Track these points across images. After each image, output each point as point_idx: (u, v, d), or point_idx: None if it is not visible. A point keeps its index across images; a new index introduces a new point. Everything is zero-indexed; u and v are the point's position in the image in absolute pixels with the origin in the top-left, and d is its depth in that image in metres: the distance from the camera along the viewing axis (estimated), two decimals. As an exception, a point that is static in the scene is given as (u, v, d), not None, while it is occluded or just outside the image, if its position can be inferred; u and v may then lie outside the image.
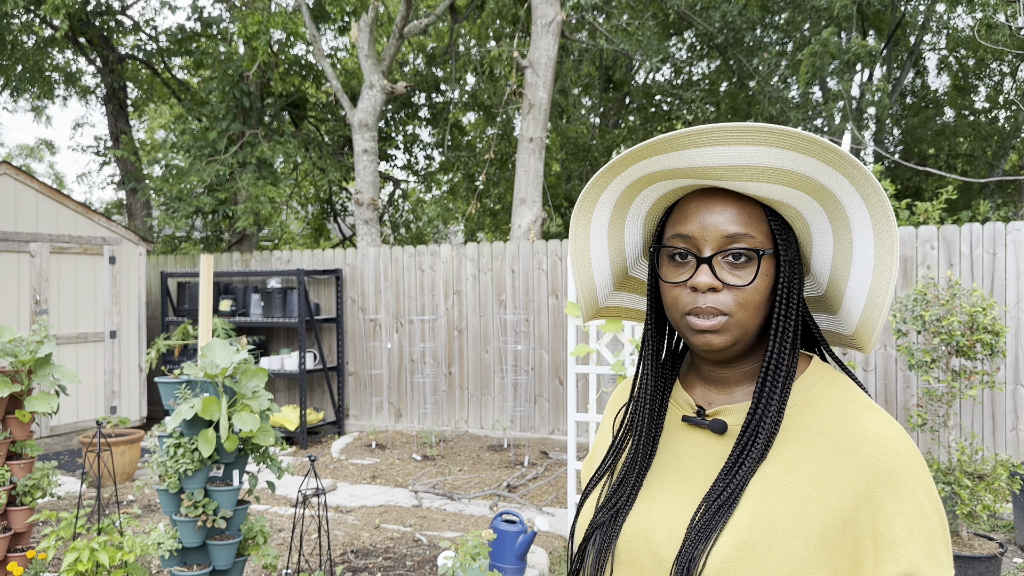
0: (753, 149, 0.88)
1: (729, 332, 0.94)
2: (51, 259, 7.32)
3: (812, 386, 0.96)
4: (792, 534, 0.86)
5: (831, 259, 0.96)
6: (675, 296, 0.97)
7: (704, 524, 0.89)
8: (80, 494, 3.38)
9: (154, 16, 13.21)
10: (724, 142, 0.88)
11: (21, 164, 21.41)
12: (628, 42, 10.02)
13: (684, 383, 1.06)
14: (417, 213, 15.50)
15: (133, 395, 8.03)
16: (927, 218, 6.72)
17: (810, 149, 0.86)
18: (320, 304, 8.51)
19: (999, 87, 13.79)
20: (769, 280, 0.95)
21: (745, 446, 0.93)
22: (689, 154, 0.90)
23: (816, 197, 0.92)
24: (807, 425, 0.93)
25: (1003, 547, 3.85)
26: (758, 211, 0.96)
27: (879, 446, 0.88)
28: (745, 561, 0.86)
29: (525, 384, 7.66)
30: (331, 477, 6.46)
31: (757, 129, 0.86)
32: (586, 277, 1.09)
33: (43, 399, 3.39)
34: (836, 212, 0.92)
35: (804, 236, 0.98)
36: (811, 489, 0.88)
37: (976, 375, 4.18)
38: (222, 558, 2.95)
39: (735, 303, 0.93)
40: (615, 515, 0.98)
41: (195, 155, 10.16)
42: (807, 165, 0.88)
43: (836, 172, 0.88)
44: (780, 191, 0.92)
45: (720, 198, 0.95)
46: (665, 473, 0.99)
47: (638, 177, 0.98)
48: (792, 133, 0.86)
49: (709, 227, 0.94)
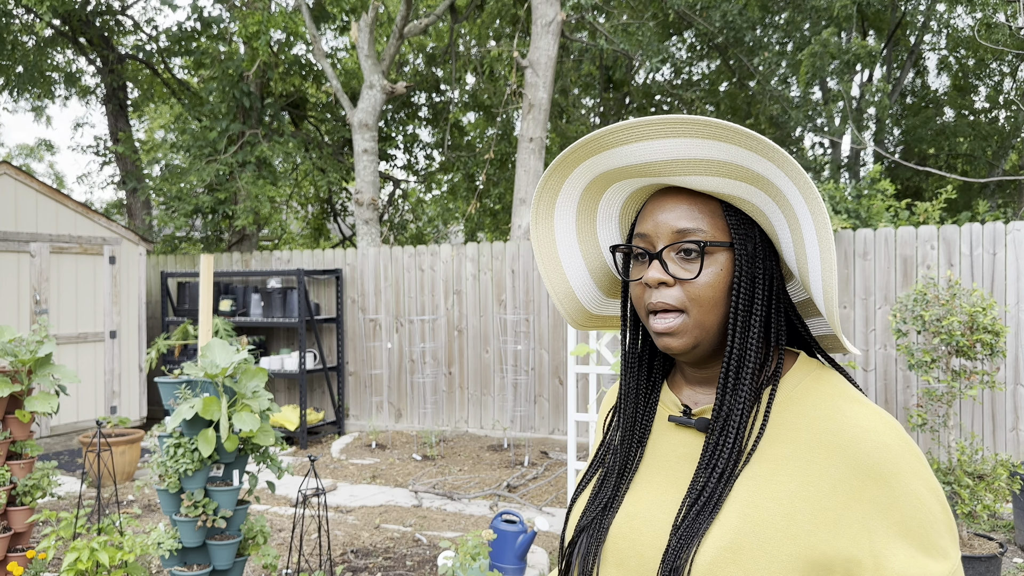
0: (677, 142, 0.89)
1: (687, 334, 0.93)
2: (51, 259, 7.32)
3: (798, 383, 0.95)
4: (781, 533, 0.85)
5: (794, 253, 0.95)
6: (637, 295, 0.98)
7: (689, 524, 0.88)
8: (80, 494, 3.38)
9: (154, 16, 13.20)
10: (647, 136, 0.90)
11: (21, 164, 21.42)
12: (628, 42, 10.02)
13: (672, 384, 1.06)
14: (417, 213, 15.50)
15: (133, 395, 8.03)
16: (927, 218, 6.72)
17: (728, 136, 0.86)
18: (320, 304, 8.51)
19: (999, 87, 13.79)
20: (727, 275, 0.94)
21: (717, 442, 0.92)
22: (621, 151, 0.92)
23: (761, 188, 0.91)
24: (793, 422, 0.92)
25: (1003, 547, 3.85)
26: (714, 207, 0.96)
27: (867, 441, 0.87)
28: (733, 561, 0.85)
29: (525, 384, 7.66)
30: (331, 477, 6.46)
31: (673, 121, 0.87)
32: (558, 281, 1.09)
33: (43, 399, 3.39)
34: (784, 202, 0.91)
35: (771, 232, 0.97)
36: (799, 487, 0.87)
37: (976, 375, 4.18)
38: (222, 558, 2.95)
39: (688, 298, 0.93)
40: (602, 516, 0.98)
41: (195, 155, 10.17)
42: (733, 154, 0.88)
43: (763, 159, 0.87)
44: (723, 183, 0.92)
45: (673, 196, 0.97)
46: (652, 473, 0.98)
47: (590, 180, 0.99)
48: (704, 122, 0.86)
49: (660, 224, 0.95)
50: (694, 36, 13.58)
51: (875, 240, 6.25)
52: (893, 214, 7.02)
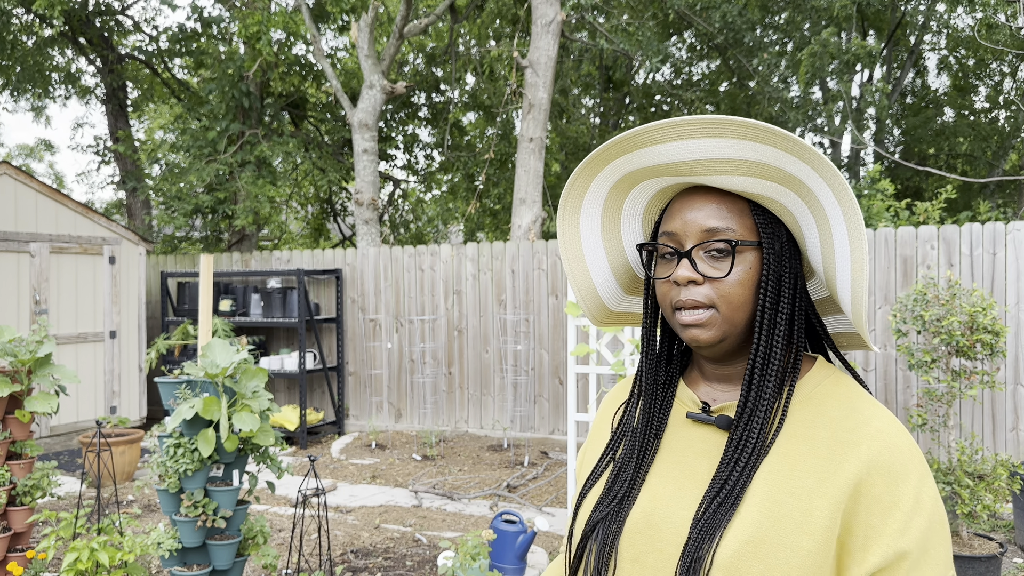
0: (711, 141, 0.90)
1: (715, 327, 0.95)
2: (51, 259, 7.32)
3: (817, 384, 0.97)
4: (799, 529, 0.86)
5: (820, 253, 0.97)
6: (663, 292, 0.99)
7: (709, 519, 0.89)
8: (80, 494, 3.38)
9: (154, 16, 13.20)
10: (683, 136, 0.91)
11: (21, 164, 21.41)
12: (628, 42, 10.02)
13: (689, 381, 1.07)
14: (417, 213, 15.50)
15: (133, 395, 8.03)
16: (927, 218, 6.72)
17: (763, 137, 0.88)
18: (320, 304, 8.51)
19: (999, 87, 13.79)
20: (754, 274, 0.96)
21: (740, 438, 0.93)
22: (654, 150, 0.93)
23: (792, 188, 0.93)
24: (811, 421, 0.94)
25: (1003, 547, 3.85)
26: (741, 206, 0.97)
27: (880, 440, 0.89)
28: (754, 555, 0.86)
29: (525, 384, 7.66)
30: (331, 477, 6.46)
31: (710, 121, 0.88)
32: (582, 279, 1.10)
33: (43, 399, 3.39)
34: (814, 203, 0.93)
35: (797, 231, 0.99)
36: (816, 484, 0.89)
37: (976, 375, 4.18)
38: (222, 558, 2.95)
39: (717, 296, 0.94)
40: (617, 510, 0.98)
41: (195, 155, 10.17)
42: (768, 154, 0.90)
43: (798, 160, 0.89)
44: (754, 183, 0.94)
45: (701, 195, 0.98)
46: (668, 469, 0.99)
47: (618, 178, 1.00)
48: (742, 122, 0.87)
49: (689, 222, 0.96)
50: (694, 36, 13.58)
51: (875, 240, 6.26)
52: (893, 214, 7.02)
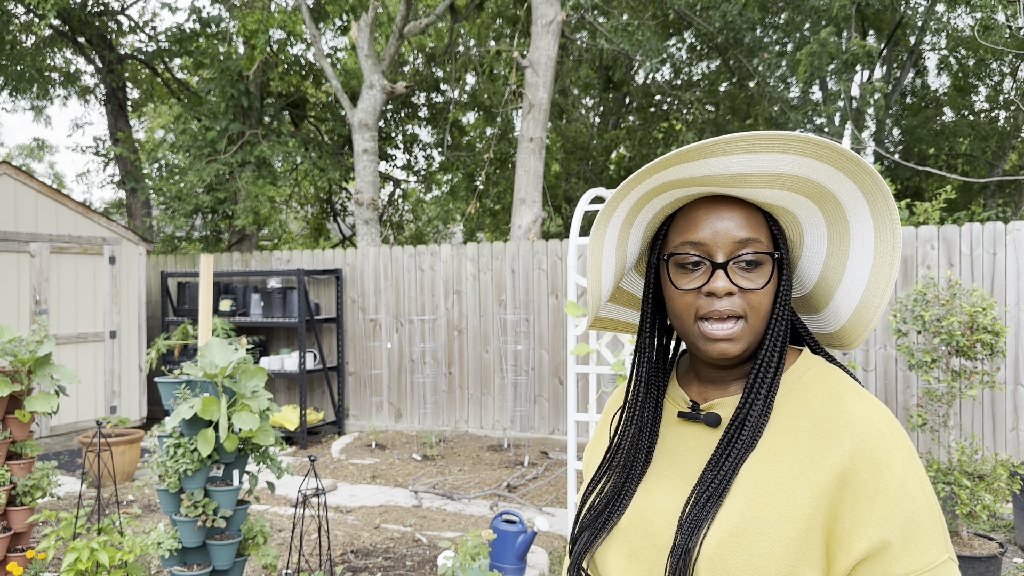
0: (776, 157, 0.90)
1: (743, 340, 0.96)
2: (51, 259, 7.32)
3: (801, 375, 0.99)
4: (783, 518, 0.88)
5: (823, 261, 0.99)
6: (687, 303, 0.98)
7: (697, 512, 0.91)
8: (80, 494, 3.38)
9: (154, 16, 13.19)
10: (751, 150, 0.90)
11: (21, 164, 21.41)
12: (628, 42, 10.01)
13: (680, 380, 1.09)
14: (417, 213, 15.50)
15: (133, 395, 8.03)
16: (927, 218, 6.72)
17: (829, 157, 0.90)
18: (320, 304, 8.51)
19: (999, 87, 13.79)
20: (775, 283, 0.99)
21: (732, 436, 0.95)
22: (716, 162, 0.92)
23: (817, 202, 0.95)
24: (796, 412, 0.95)
25: (1003, 547, 3.85)
26: (759, 216, 0.99)
27: (862, 428, 0.90)
28: (738, 545, 0.88)
29: (525, 384, 7.66)
30: (331, 477, 6.46)
31: (784, 137, 0.88)
32: (596, 288, 1.08)
33: (43, 399, 3.39)
34: (835, 216, 0.95)
35: (796, 240, 1.02)
36: (799, 473, 0.90)
37: (976, 375, 4.18)
38: (222, 558, 2.95)
39: (749, 307, 0.96)
40: (614, 510, 1.01)
41: (195, 155, 10.16)
42: (820, 172, 0.91)
43: (847, 178, 0.91)
44: (785, 196, 0.96)
45: (727, 205, 0.98)
46: (662, 467, 1.01)
47: (656, 185, 0.99)
48: (816, 141, 0.88)
49: (721, 233, 0.96)
50: (694, 36, 13.57)
51: (875, 240, 6.25)
52: (893, 214, 7.01)
